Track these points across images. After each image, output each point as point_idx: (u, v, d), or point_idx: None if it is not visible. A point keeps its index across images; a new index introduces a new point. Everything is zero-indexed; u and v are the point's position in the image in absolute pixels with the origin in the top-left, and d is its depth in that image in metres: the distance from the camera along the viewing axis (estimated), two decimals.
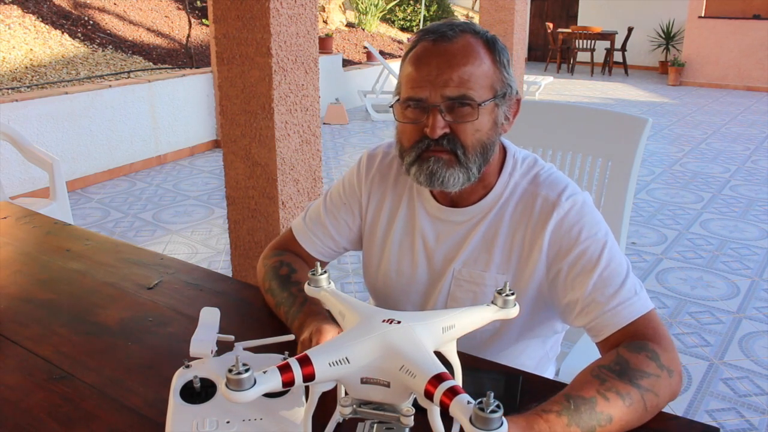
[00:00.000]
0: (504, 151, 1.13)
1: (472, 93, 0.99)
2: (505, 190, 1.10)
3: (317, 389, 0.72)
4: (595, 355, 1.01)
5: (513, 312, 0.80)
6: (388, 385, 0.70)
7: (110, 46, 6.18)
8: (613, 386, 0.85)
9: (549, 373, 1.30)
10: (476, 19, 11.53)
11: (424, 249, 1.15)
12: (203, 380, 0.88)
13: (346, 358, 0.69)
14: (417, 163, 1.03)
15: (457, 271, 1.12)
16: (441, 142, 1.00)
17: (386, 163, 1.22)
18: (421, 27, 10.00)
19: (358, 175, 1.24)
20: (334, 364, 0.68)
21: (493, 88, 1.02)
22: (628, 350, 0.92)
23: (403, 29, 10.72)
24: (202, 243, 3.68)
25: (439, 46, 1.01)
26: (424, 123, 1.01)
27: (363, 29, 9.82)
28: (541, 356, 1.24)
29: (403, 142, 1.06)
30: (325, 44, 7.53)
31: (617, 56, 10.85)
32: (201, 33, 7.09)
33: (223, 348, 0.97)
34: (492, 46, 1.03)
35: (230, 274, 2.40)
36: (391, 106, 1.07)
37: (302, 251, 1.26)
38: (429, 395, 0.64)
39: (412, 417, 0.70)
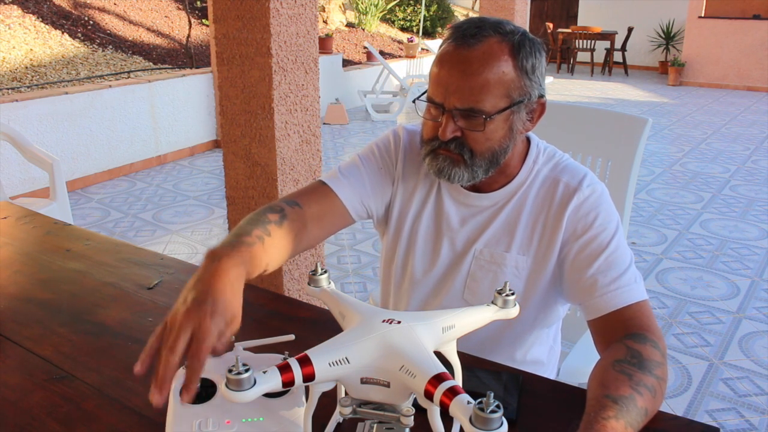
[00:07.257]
0: (528, 140, 1.18)
1: (482, 105, 1.01)
2: (528, 177, 1.15)
3: (317, 389, 0.72)
4: (595, 354, 1.01)
5: (513, 312, 0.81)
6: (388, 385, 0.70)
7: (110, 46, 6.17)
8: (641, 380, 0.87)
9: (554, 370, 1.32)
10: None
11: (449, 232, 1.19)
12: (203, 380, 0.87)
13: (346, 358, 0.69)
14: (431, 156, 1.08)
15: (479, 251, 1.16)
16: (450, 144, 1.05)
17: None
18: (420, 27, 10.01)
19: (395, 143, 1.23)
20: (334, 364, 0.68)
21: (510, 96, 1.03)
22: (634, 342, 0.94)
23: (403, 29, 10.72)
24: (202, 243, 3.67)
25: (460, 51, 1.01)
26: (440, 123, 1.04)
27: (363, 29, 9.82)
28: (549, 348, 1.27)
29: (423, 133, 1.11)
30: (325, 44, 7.53)
31: (617, 56, 10.85)
32: (201, 33, 7.09)
33: None
34: (517, 51, 1.02)
35: None
36: (419, 98, 1.10)
37: (326, 205, 1.14)
38: (429, 395, 0.64)
39: (412, 417, 0.70)
